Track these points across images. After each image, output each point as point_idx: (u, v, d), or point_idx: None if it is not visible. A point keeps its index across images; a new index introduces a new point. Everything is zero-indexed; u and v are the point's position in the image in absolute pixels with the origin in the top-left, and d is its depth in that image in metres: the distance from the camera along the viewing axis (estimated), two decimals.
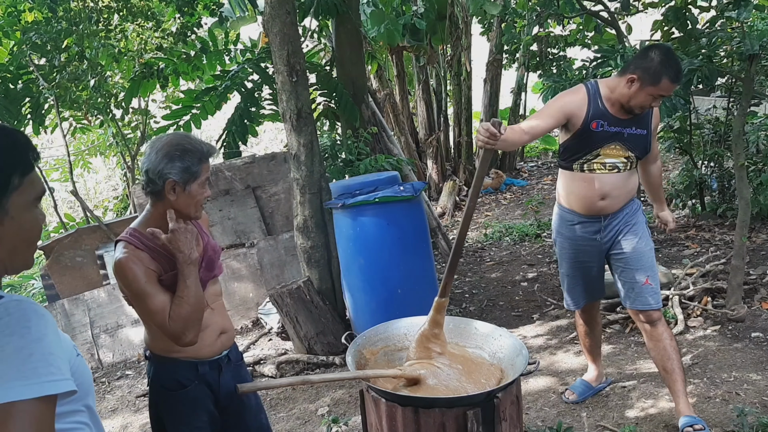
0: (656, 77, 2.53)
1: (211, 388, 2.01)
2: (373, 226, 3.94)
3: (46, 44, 5.78)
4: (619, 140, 2.68)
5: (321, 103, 6.26)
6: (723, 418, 2.83)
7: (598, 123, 2.65)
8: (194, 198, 1.86)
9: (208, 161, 1.87)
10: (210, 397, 2.02)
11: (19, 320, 0.99)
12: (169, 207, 1.86)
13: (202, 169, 1.84)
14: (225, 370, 2.04)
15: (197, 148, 1.83)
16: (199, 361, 1.98)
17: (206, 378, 1.99)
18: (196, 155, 1.82)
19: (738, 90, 5.12)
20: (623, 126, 2.67)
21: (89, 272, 5.16)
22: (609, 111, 2.66)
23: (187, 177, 1.82)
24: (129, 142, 8.47)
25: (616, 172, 2.71)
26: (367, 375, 1.92)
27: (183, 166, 1.80)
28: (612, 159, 2.70)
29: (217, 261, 2.06)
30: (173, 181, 1.81)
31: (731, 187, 5.78)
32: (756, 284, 4.20)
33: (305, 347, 4.09)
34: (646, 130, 2.69)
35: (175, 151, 1.80)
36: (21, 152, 1.07)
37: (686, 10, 4.31)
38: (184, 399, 1.98)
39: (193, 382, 1.97)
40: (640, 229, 2.77)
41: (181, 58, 5.96)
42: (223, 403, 2.05)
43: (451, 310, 4.59)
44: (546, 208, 7.76)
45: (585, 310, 3.11)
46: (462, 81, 9.59)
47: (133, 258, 1.80)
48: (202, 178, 1.85)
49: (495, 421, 1.79)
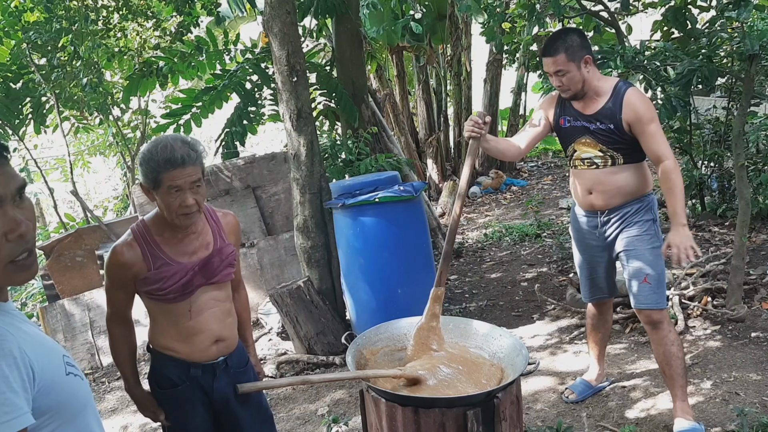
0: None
1: (204, 391, 2.01)
2: (373, 226, 3.94)
3: (46, 44, 5.78)
4: (588, 134, 2.74)
5: (321, 103, 6.27)
6: (723, 418, 2.83)
7: (565, 119, 2.82)
8: (165, 205, 1.84)
9: (180, 169, 1.78)
10: (202, 399, 2.01)
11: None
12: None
13: (164, 178, 1.79)
14: (220, 375, 2.02)
15: (162, 156, 1.78)
16: (191, 362, 1.98)
17: (198, 381, 1.99)
18: (158, 164, 1.78)
19: (738, 90, 5.12)
20: (587, 121, 2.74)
21: (89, 272, 5.16)
22: (573, 107, 2.78)
23: (150, 184, 1.84)
24: (129, 142, 8.48)
25: (594, 168, 2.76)
26: (367, 375, 1.92)
27: (144, 173, 1.83)
28: (587, 154, 2.76)
29: (223, 268, 2.01)
30: (142, 185, 1.88)
31: (731, 187, 5.78)
32: (756, 284, 4.20)
33: (305, 347, 4.08)
34: (612, 125, 2.67)
35: (143, 157, 1.84)
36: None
37: (686, 10, 4.31)
38: (175, 397, 1.99)
39: (185, 383, 1.98)
40: (643, 227, 2.76)
41: (179, 58, 5.95)
42: (217, 408, 2.04)
43: (451, 310, 4.59)
44: (546, 208, 7.76)
45: (596, 306, 3.13)
46: (462, 81, 9.59)
47: (122, 249, 1.91)
48: (165, 187, 1.80)
49: (495, 421, 1.79)
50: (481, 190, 9.42)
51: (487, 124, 2.50)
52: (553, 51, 2.63)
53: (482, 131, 2.47)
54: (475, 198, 9.22)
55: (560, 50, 2.62)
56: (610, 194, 2.76)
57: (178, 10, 5.66)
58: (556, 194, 8.70)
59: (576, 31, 2.75)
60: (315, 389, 3.71)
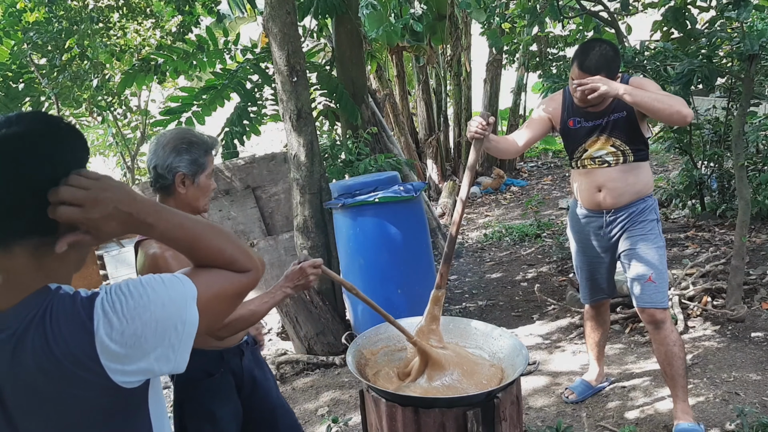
0: (571, 65, 2.68)
1: (234, 375, 2.03)
2: (373, 226, 3.94)
3: (46, 44, 5.79)
4: (601, 132, 2.74)
5: (321, 103, 6.27)
6: (723, 418, 2.83)
7: (575, 120, 2.81)
8: (202, 190, 1.89)
9: (212, 153, 1.91)
10: (234, 387, 2.03)
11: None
12: (179, 201, 1.87)
13: (208, 160, 1.87)
14: (246, 353, 2.08)
15: (202, 139, 1.87)
16: (224, 349, 1.99)
17: (231, 365, 2.02)
18: (202, 147, 1.86)
19: (738, 90, 5.12)
20: (600, 117, 2.74)
21: (89, 272, 5.16)
22: (583, 107, 2.76)
23: (195, 169, 1.85)
24: (129, 142, 8.49)
25: (606, 167, 2.77)
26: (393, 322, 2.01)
27: (191, 159, 1.83)
28: (599, 151, 2.76)
29: None
30: (182, 174, 1.83)
31: (731, 187, 5.78)
32: (756, 284, 4.20)
33: (305, 347, 4.08)
34: (626, 111, 2.68)
35: (182, 144, 1.83)
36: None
37: (686, 11, 4.31)
38: (209, 387, 1.97)
39: (220, 371, 1.98)
40: (647, 227, 2.77)
41: (180, 57, 5.96)
42: (247, 390, 2.06)
43: (451, 310, 4.59)
44: (546, 208, 7.77)
45: (594, 307, 3.13)
46: (462, 81, 9.60)
47: (169, 252, 1.81)
48: (209, 170, 1.89)
49: (495, 421, 1.79)
50: (481, 190, 9.43)
51: (491, 125, 2.50)
52: (594, 69, 2.57)
53: (486, 132, 2.44)
54: (475, 198, 9.23)
55: (602, 70, 2.56)
56: (618, 192, 2.77)
57: (179, 9, 5.67)
58: (556, 194, 8.70)
59: (614, 47, 2.65)
60: (315, 389, 3.72)
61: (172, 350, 0.99)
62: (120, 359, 0.93)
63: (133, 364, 0.94)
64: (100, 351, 0.91)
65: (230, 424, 2.01)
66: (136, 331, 0.93)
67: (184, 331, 0.99)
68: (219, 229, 1.08)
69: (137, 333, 0.94)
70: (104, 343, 0.91)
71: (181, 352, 1.00)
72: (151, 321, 0.95)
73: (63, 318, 0.92)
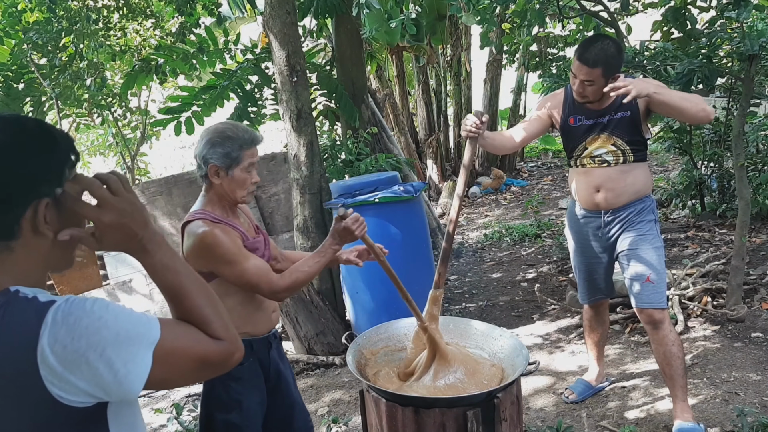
0: (573, 59, 2.68)
1: (262, 366, 2.06)
2: (373, 226, 3.90)
3: (46, 44, 5.79)
4: (602, 130, 2.74)
5: (321, 103, 6.26)
6: (723, 418, 2.83)
7: (576, 118, 2.81)
8: (238, 182, 1.94)
9: (253, 148, 1.96)
10: (262, 377, 2.06)
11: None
12: (216, 191, 1.96)
13: (243, 155, 1.92)
14: (273, 345, 2.12)
15: (239, 135, 1.92)
16: (253, 338, 2.02)
17: (258, 355, 2.04)
18: (237, 142, 1.91)
19: (738, 90, 5.12)
20: (601, 115, 2.73)
21: (89, 272, 5.15)
22: (584, 105, 2.76)
23: (228, 162, 1.91)
24: (129, 142, 8.48)
25: (606, 166, 2.76)
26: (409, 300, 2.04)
27: (223, 152, 1.91)
28: (599, 150, 2.76)
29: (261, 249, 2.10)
30: (215, 166, 1.92)
31: (731, 187, 5.78)
32: (756, 284, 4.20)
33: (305, 347, 4.08)
34: (629, 111, 2.68)
35: (217, 138, 1.92)
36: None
37: (686, 11, 4.31)
38: (239, 375, 1.98)
39: (249, 359, 2.00)
40: (646, 227, 2.77)
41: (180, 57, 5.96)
42: (272, 382, 2.09)
43: (451, 310, 4.59)
44: (546, 208, 7.77)
45: (593, 307, 3.13)
46: (462, 81, 9.60)
47: (219, 228, 1.89)
48: (245, 164, 1.93)
49: (495, 421, 1.79)
50: (481, 190, 9.43)
51: (485, 123, 2.49)
52: (592, 62, 2.57)
53: (480, 131, 2.45)
54: (475, 198, 9.23)
55: (599, 64, 2.55)
56: (617, 192, 2.77)
57: (179, 10, 5.67)
58: (556, 194, 8.70)
59: (617, 45, 2.62)
60: (315, 389, 3.71)
61: (105, 390, 0.92)
62: (56, 373, 0.89)
63: (67, 382, 0.90)
64: (40, 360, 0.88)
65: (256, 415, 2.04)
66: (78, 350, 0.89)
67: (127, 372, 0.92)
68: (209, 292, 1.07)
69: (79, 352, 0.89)
70: (44, 353, 0.88)
71: (118, 392, 0.93)
72: (97, 345, 0.90)
73: (13, 321, 0.90)
